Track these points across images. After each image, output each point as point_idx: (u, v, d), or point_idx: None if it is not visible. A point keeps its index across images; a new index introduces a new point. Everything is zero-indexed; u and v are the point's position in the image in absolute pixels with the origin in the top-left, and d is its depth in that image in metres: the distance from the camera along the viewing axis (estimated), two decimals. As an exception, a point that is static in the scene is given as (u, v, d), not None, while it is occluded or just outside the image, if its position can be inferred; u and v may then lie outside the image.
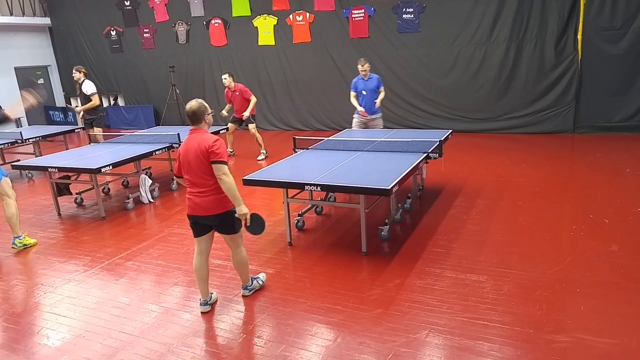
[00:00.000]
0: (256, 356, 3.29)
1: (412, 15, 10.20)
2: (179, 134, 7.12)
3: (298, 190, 5.14)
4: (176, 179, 3.89)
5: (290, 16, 11.39)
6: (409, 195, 5.91)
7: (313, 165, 5.34)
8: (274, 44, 11.77)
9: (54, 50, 15.17)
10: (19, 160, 8.38)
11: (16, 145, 8.66)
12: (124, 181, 7.83)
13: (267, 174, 5.07)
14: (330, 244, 5.04)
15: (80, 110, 8.79)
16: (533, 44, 9.38)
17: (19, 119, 14.01)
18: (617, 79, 8.91)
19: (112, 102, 14.56)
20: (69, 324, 3.83)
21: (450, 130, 6.70)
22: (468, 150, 8.66)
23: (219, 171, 3.51)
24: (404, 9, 10.24)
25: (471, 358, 3.09)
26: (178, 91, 12.76)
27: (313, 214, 5.89)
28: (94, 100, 8.70)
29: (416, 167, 5.07)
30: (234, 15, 12.00)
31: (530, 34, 9.35)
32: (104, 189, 7.35)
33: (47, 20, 14.60)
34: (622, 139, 8.69)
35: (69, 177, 6.65)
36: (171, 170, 7.94)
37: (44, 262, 5.04)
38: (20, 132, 8.81)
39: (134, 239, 5.51)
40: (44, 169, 6.35)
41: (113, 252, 5.16)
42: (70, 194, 6.81)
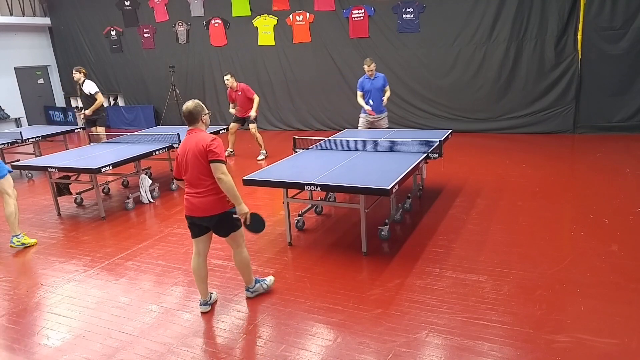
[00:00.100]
0: (256, 356, 3.29)
1: (412, 15, 10.20)
2: (179, 134, 7.11)
3: (298, 190, 5.14)
4: (176, 181, 3.85)
5: (290, 16, 11.39)
6: (409, 195, 5.91)
7: (313, 165, 5.33)
8: (274, 44, 11.77)
9: (54, 50, 15.17)
10: (19, 160, 8.39)
11: (16, 145, 8.68)
12: (124, 181, 7.83)
13: (267, 174, 5.07)
14: (330, 244, 5.04)
15: (89, 112, 8.74)
16: (533, 44, 9.38)
17: (19, 118, 14.04)
18: (617, 79, 8.91)
19: (112, 102, 14.56)
20: (69, 324, 3.83)
21: (450, 130, 6.70)
22: (468, 150, 8.66)
23: (218, 171, 3.48)
24: (404, 9, 10.24)
25: (471, 358, 3.09)
26: (178, 91, 12.76)
27: (313, 214, 5.89)
28: (99, 98, 8.72)
29: (416, 167, 5.07)
30: (234, 15, 12.00)
31: (530, 34, 9.35)
32: (104, 189, 7.35)
33: (47, 20, 14.60)
34: (622, 139, 8.69)
35: (69, 177, 6.65)
36: (171, 170, 7.93)
37: (44, 262, 5.04)
38: (20, 132, 8.81)
39: (134, 239, 5.51)
40: (44, 169, 6.35)
41: (113, 252, 5.17)
42: (70, 194, 6.81)
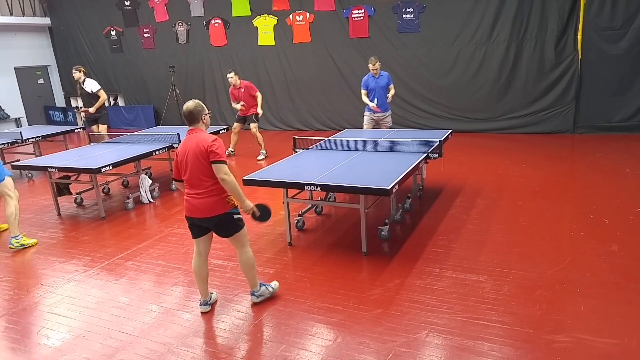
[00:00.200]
0: (256, 356, 3.29)
1: (412, 15, 10.20)
2: (179, 134, 7.11)
3: (298, 190, 5.14)
4: (175, 182, 3.78)
5: (290, 16, 11.39)
6: (409, 195, 5.91)
7: (313, 165, 5.33)
8: (274, 44, 11.77)
9: (54, 50, 15.17)
10: (19, 160, 8.39)
11: (16, 145, 8.68)
12: (124, 181, 7.83)
13: (267, 174, 5.07)
14: (330, 244, 5.04)
15: (94, 109, 8.72)
16: (533, 44, 9.38)
17: (19, 118, 14.04)
18: (617, 79, 8.91)
19: (112, 102, 14.55)
20: (69, 324, 3.83)
21: (450, 130, 6.70)
22: (468, 150, 8.66)
23: (220, 171, 3.44)
24: (404, 9, 10.24)
25: (471, 358, 3.09)
26: (178, 91, 12.75)
27: (313, 214, 5.89)
28: (102, 95, 8.73)
29: (416, 167, 5.07)
30: (234, 15, 12.00)
31: (530, 34, 9.35)
32: (104, 189, 7.35)
33: (47, 20, 14.60)
34: (622, 139, 8.69)
35: (69, 177, 6.65)
36: (171, 170, 7.93)
37: (44, 262, 5.04)
38: (20, 132, 8.81)
39: (134, 239, 5.51)
40: (44, 169, 6.35)
41: (113, 252, 5.17)
42: (70, 194, 6.81)
